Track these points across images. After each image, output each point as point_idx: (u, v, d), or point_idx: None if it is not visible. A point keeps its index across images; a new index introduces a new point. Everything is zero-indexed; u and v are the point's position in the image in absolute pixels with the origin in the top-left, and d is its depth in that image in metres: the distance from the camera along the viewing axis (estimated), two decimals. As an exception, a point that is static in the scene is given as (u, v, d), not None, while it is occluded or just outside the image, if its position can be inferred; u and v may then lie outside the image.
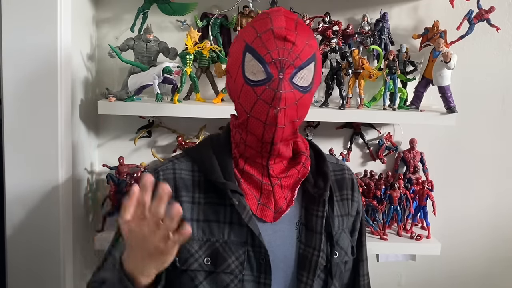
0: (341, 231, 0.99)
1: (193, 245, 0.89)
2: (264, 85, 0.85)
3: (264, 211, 0.91)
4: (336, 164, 1.05)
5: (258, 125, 0.87)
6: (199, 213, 0.91)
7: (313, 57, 0.88)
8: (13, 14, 1.22)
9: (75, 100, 1.40)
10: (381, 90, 1.55)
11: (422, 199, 1.60)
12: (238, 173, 0.93)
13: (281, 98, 0.84)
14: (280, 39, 0.84)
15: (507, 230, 1.88)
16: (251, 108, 0.87)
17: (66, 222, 1.34)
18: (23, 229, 1.30)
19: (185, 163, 0.96)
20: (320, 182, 0.95)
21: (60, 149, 1.28)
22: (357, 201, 1.03)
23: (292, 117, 0.87)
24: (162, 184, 0.72)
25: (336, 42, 1.56)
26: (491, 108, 1.78)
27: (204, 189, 0.93)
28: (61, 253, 1.32)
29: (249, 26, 0.91)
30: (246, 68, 0.87)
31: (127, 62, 1.43)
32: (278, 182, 0.93)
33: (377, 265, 1.75)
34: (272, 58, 0.84)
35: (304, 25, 0.89)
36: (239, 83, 0.88)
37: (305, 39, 0.86)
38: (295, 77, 0.86)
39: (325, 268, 0.94)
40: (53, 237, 1.31)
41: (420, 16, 1.67)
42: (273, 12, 0.89)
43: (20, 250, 1.30)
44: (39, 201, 1.29)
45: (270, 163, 0.92)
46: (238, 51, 0.89)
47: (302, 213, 0.95)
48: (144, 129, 1.65)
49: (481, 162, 1.81)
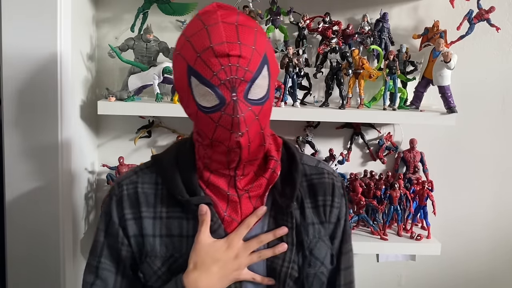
0: (318, 240, 0.91)
1: (156, 262, 0.86)
2: (219, 111, 0.77)
3: (230, 223, 0.86)
4: (315, 167, 0.96)
5: (222, 149, 0.81)
6: (161, 228, 0.87)
7: (264, 59, 0.79)
8: (13, 14, 1.22)
9: (75, 100, 1.40)
10: (381, 90, 1.55)
11: (422, 199, 1.60)
12: (203, 184, 0.88)
13: (240, 122, 0.77)
14: (223, 57, 0.75)
15: (507, 230, 1.88)
16: (212, 134, 0.80)
17: (66, 222, 1.34)
18: (23, 229, 1.30)
19: (149, 175, 0.91)
20: (287, 191, 0.88)
21: (60, 149, 1.28)
22: (338, 207, 0.94)
23: (256, 132, 0.81)
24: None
25: (336, 42, 1.56)
26: (491, 108, 1.78)
27: (166, 203, 0.88)
28: (61, 253, 1.32)
29: (186, 41, 0.80)
30: (195, 93, 0.79)
31: (127, 62, 1.43)
32: (245, 193, 0.87)
33: (377, 265, 1.75)
34: (220, 80, 0.76)
35: (246, 23, 0.79)
36: (193, 109, 0.82)
37: (251, 43, 0.77)
38: (250, 92, 0.78)
39: (298, 280, 0.88)
40: (53, 237, 1.31)
41: (420, 16, 1.67)
42: (209, 20, 0.78)
43: (20, 250, 1.31)
44: (39, 201, 1.29)
45: (238, 174, 0.86)
46: (182, 73, 0.81)
47: (271, 222, 0.89)
48: (144, 129, 1.65)
49: (481, 162, 1.81)
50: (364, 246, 1.54)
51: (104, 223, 0.91)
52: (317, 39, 1.64)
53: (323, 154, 1.71)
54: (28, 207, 1.29)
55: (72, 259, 1.40)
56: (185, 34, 0.82)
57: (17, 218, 1.29)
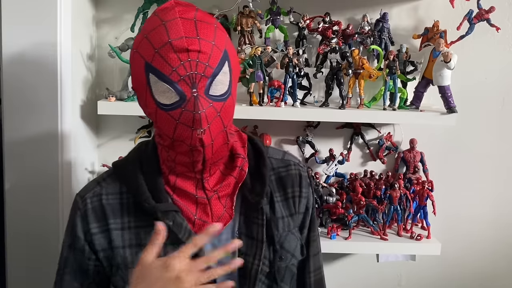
0: (288, 233, 0.92)
1: (127, 273, 0.82)
2: (180, 108, 0.76)
3: (202, 226, 0.84)
4: (281, 160, 0.96)
5: (185, 148, 0.79)
6: (130, 238, 0.85)
7: (224, 55, 0.78)
8: (13, 14, 1.22)
9: (75, 100, 1.40)
10: (381, 90, 1.55)
11: (422, 199, 1.60)
12: (169, 189, 0.86)
13: (202, 119, 0.75)
14: (182, 52, 0.74)
15: (508, 230, 1.87)
16: (173, 133, 0.78)
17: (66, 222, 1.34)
18: (23, 229, 1.30)
19: (113, 185, 0.89)
20: (257, 187, 0.88)
21: (60, 149, 1.28)
22: (305, 197, 0.95)
23: (218, 129, 0.79)
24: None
25: (336, 42, 1.56)
26: (491, 108, 1.78)
27: (134, 212, 0.86)
28: (61, 253, 1.32)
29: (143, 38, 0.78)
30: (154, 90, 0.78)
31: (127, 62, 1.43)
32: (214, 194, 0.86)
33: (377, 265, 1.75)
34: (180, 75, 0.74)
35: (204, 20, 0.78)
36: (152, 107, 0.80)
37: (210, 39, 0.76)
38: (211, 88, 0.77)
39: (269, 274, 0.88)
40: (53, 237, 1.31)
41: (420, 16, 1.67)
42: (167, 16, 0.77)
43: (20, 250, 1.31)
44: (39, 201, 1.29)
45: (205, 176, 0.84)
46: (140, 70, 0.79)
47: (241, 220, 0.88)
48: (144, 129, 1.65)
49: (481, 162, 1.81)
50: (364, 246, 1.54)
51: (69, 238, 0.89)
52: (317, 39, 1.64)
53: (323, 154, 1.71)
54: (28, 207, 1.29)
55: (72, 259, 1.40)
56: (142, 31, 0.81)
57: (17, 218, 1.29)
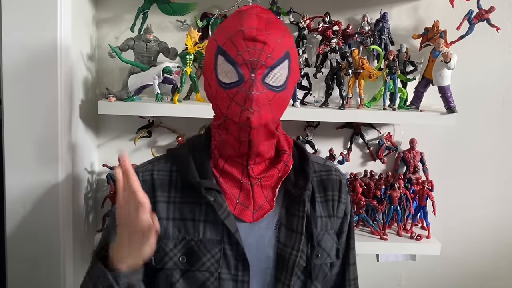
0: (324, 232, 0.97)
1: (168, 243, 0.90)
2: (237, 87, 0.85)
3: (242, 210, 0.91)
4: (323, 164, 1.03)
5: (234, 127, 0.87)
6: (174, 212, 0.92)
7: (286, 55, 0.87)
8: (13, 14, 1.22)
9: (75, 100, 1.40)
10: (381, 90, 1.55)
11: (422, 199, 1.60)
12: (217, 172, 0.93)
13: (253, 100, 0.84)
14: (250, 40, 0.83)
15: (508, 230, 1.88)
16: (226, 110, 0.87)
17: (66, 222, 1.34)
18: (23, 229, 1.30)
19: (164, 164, 0.97)
20: (301, 181, 0.94)
21: (60, 149, 1.28)
22: (344, 203, 1.01)
23: (266, 117, 0.86)
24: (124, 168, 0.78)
25: (336, 42, 1.56)
26: (491, 108, 1.78)
27: (180, 189, 0.93)
28: (61, 253, 1.32)
29: (221, 27, 0.90)
30: (218, 70, 0.87)
31: (127, 62, 1.43)
32: (258, 182, 0.92)
33: (377, 265, 1.75)
34: (244, 59, 0.84)
35: (277, 23, 0.88)
36: (214, 86, 0.89)
37: (277, 37, 0.85)
38: (267, 77, 0.85)
39: (305, 269, 0.93)
40: (53, 237, 1.31)
41: (420, 16, 1.67)
42: (246, 11, 0.88)
43: (20, 250, 1.31)
44: (39, 201, 1.29)
45: (250, 163, 0.92)
46: (211, 54, 0.89)
47: (282, 212, 0.94)
48: (144, 129, 1.65)
49: (481, 162, 1.81)
50: (364, 246, 1.54)
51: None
52: (317, 39, 1.64)
53: (323, 154, 1.71)
54: (28, 207, 1.29)
55: (72, 259, 1.40)
56: (223, 23, 0.92)
57: (17, 218, 1.29)
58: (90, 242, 1.55)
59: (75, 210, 1.42)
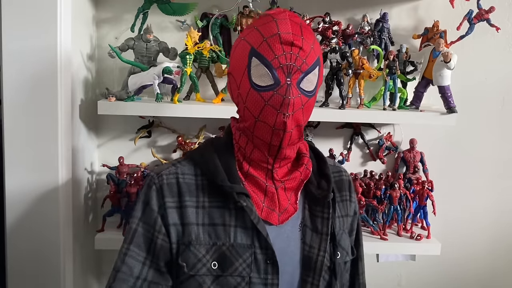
0: (342, 232, 1.00)
1: (200, 249, 0.89)
2: (272, 91, 0.85)
3: (269, 214, 0.92)
4: (334, 166, 1.06)
5: (266, 130, 0.87)
6: (204, 217, 0.91)
7: (317, 60, 0.89)
8: (13, 14, 1.22)
9: (75, 100, 1.40)
10: (381, 90, 1.55)
11: (422, 199, 1.60)
12: (242, 176, 0.93)
13: (289, 104, 0.84)
14: (287, 44, 0.84)
15: (507, 230, 1.88)
16: (259, 113, 0.87)
17: (66, 222, 1.34)
18: (23, 229, 1.30)
19: (188, 167, 0.95)
20: (324, 184, 0.96)
21: (60, 149, 1.28)
22: (354, 202, 1.06)
23: (298, 121, 0.88)
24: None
25: (336, 42, 1.56)
26: (491, 108, 1.78)
27: (208, 193, 0.92)
28: (61, 253, 1.32)
29: (253, 29, 0.89)
30: (252, 72, 0.87)
31: (127, 62, 1.43)
32: (282, 185, 0.93)
33: (377, 265, 1.75)
34: (280, 63, 0.84)
35: (309, 28, 0.90)
36: (245, 88, 0.88)
37: (311, 43, 0.87)
38: (302, 82, 0.86)
39: (329, 269, 0.95)
40: (53, 237, 1.31)
41: (420, 16, 1.67)
42: (279, 16, 0.88)
43: (20, 250, 1.30)
44: (39, 201, 1.29)
45: (275, 167, 0.92)
46: (243, 55, 0.88)
47: (306, 214, 0.95)
48: (144, 129, 1.65)
49: (481, 162, 1.81)
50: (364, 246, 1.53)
51: (140, 211, 0.92)
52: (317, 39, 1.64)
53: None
54: (28, 207, 1.29)
55: (72, 259, 1.39)
56: (253, 24, 0.91)
57: (17, 218, 1.29)
58: (90, 242, 1.55)
59: (75, 210, 1.41)
